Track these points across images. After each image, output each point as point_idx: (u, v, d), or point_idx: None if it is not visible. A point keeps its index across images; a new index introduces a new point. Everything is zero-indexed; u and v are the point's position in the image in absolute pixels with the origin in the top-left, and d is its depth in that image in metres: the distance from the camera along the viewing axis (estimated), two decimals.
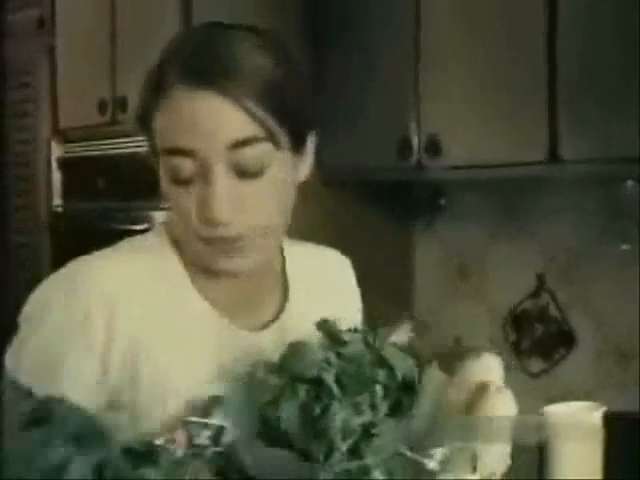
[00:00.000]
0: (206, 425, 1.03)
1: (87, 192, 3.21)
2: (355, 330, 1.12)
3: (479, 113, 2.66)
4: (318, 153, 3.28)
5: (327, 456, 1.02)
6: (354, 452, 1.02)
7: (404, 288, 3.27)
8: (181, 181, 1.13)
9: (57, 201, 3.41)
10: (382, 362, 1.08)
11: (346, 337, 1.10)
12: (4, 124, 3.74)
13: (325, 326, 1.11)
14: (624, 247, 2.75)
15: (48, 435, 0.90)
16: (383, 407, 1.06)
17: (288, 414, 1.04)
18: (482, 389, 1.10)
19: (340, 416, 1.02)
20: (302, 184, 1.32)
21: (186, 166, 1.12)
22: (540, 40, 2.52)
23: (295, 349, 1.08)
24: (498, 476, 1.08)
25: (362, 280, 3.32)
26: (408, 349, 1.10)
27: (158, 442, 0.97)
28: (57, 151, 3.41)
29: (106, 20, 3.15)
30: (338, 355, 1.06)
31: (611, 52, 2.41)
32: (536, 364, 3.00)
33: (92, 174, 3.19)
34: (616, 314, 2.82)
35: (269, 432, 1.05)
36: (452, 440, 1.03)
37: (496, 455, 1.06)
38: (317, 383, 1.05)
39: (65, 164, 3.38)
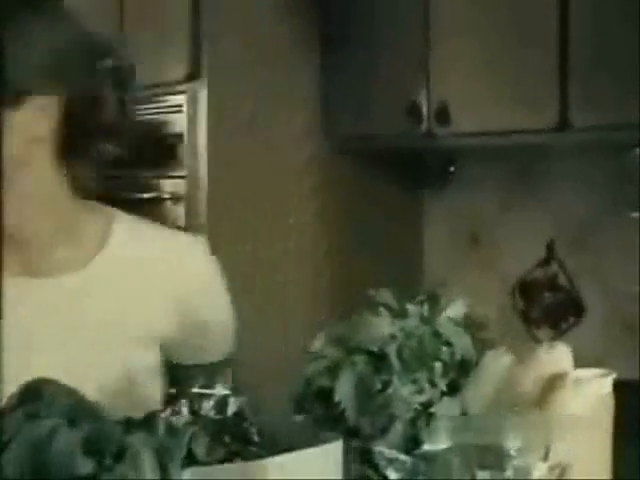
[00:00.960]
0: (210, 395, 1.02)
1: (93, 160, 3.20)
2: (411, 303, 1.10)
3: (489, 80, 2.64)
4: (328, 122, 3.28)
5: (383, 431, 1.00)
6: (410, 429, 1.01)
7: (413, 256, 3.27)
8: None
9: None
10: (439, 338, 1.06)
11: (405, 310, 1.08)
12: None
13: (382, 296, 1.09)
14: (634, 215, 2.74)
15: (36, 410, 0.90)
16: (442, 385, 1.05)
17: (344, 386, 1.03)
18: (557, 380, 1.08)
19: (403, 391, 1.01)
20: (312, 151, 1.32)
21: None
22: (552, 6, 2.50)
23: (359, 321, 1.06)
24: (563, 468, 1.06)
25: (372, 248, 3.33)
26: (466, 325, 1.09)
27: (161, 415, 0.96)
28: None
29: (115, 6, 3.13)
30: (401, 329, 1.05)
31: (622, 19, 2.39)
32: (545, 333, 3.00)
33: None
34: (625, 283, 2.81)
35: (314, 404, 1.04)
36: (520, 427, 1.01)
37: (565, 446, 1.05)
38: (378, 357, 1.04)
39: None
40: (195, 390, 1.03)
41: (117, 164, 1.36)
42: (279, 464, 0.90)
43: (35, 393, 0.92)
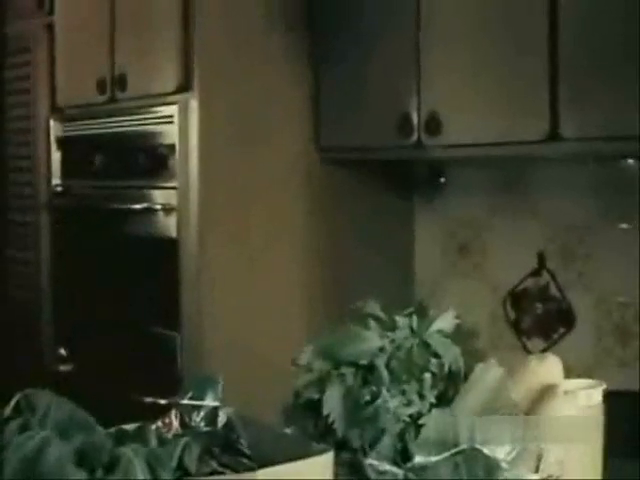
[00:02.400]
0: (200, 407, 1.03)
1: (86, 171, 3.21)
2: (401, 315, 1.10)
3: (479, 91, 2.65)
4: (318, 132, 3.29)
5: (372, 444, 1.01)
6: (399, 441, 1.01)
7: (404, 266, 3.27)
8: None
9: (56, 180, 3.40)
10: (429, 349, 1.07)
11: (394, 322, 1.08)
12: (3, 102, 3.73)
13: (371, 309, 1.09)
14: (624, 226, 2.75)
15: (27, 423, 0.90)
16: (430, 397, 1.05)
17: (332, 398, 1.03)
18: (548, 391, 1.09)
19: (392, 403, 1.01)
20: (303, 163, 1.32)
21: None
22: (542, 18, 2.50)
23: (349, 334, 1.06)
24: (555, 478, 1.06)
25: (363, 258, 3.33)
26: (454, 337, 1.09)
27: (152, 426, 0.97)
28: (56, 130, 3.40)
29: None
30: (391, 342, 1.05)
31: (613, 30, 2.40)
32: (536, 343, 3.00)
33: (91, 153, 3.19)
34: (615, 293, 2.82)
35: (304, 416, 1.04)
36: (511, 438, 1.01)
37: (556, 456, 1.05)
38: (366, 368, 1.04)
39: (64, 143, 3.37)
40: (185, 402, 1.03)
41: (108, 175, 1.37)
42: (269, 476, 0.90)
43: (28, 406, 0.92)
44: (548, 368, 1.12)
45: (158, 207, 2.89)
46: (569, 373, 1.19)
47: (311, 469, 0.91)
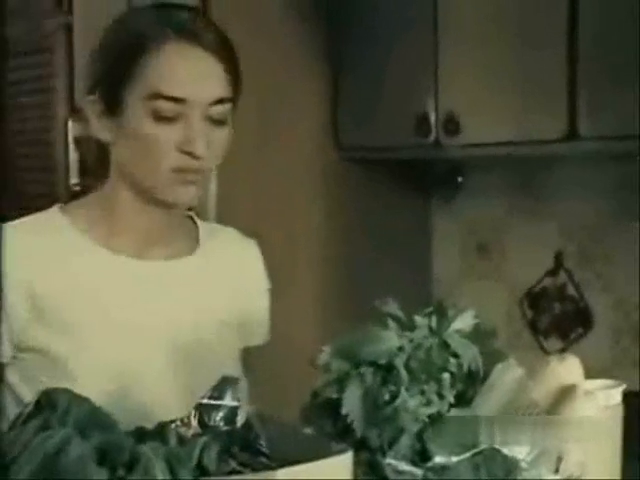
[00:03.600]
0: (219, 406, 1.03)
1: (104, 171, 3.21)
2: (420, 315, 1.10)
3: (497, 90, 2.64)
4: (337, 131, 3.28)
5: (391, 443, 1.01)
6: (418, 441, 1.01)
7: (422, 266, 3.27)
8: (165, 119, 1.37)
9: (74, 179, 3.41)
10: (448, 349, 1.06)
11: (413, 321, 1.08)
12: (23, 102, 3.74)
13: (390, 308, 1.09)
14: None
15: (48, 421, 0.91)
16: (449, 397, 1.05)
17: (351, 398, 1.03)
18: (568, 391, 1.08)
19: (411, 403, 1.01)
20: (321, 161, 1.39)
21: (171, 108, 1.37)
22: (561, 17, 2.50)
23: (366, 334, 1.07)
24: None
25: (381, 258, 3.33)
26: (473, 336, 1.09)
27: (172, 425, 0.97)
28: (75, 130, 3.41)
29: None
30: (410, 341, 1.05)
31: (632, 29, 2.39)
32: (553, 343, 3.00)
33: (109, 153, 3.19)
34: (633, 292, 2.81)
35: (322, 415, 1.04)
36: (531, 438, 1.01)
37: (576, 457, 1.05)
38: (385, 368, 1.04)
39: (83, 143, 3.38)
40: (205, 401, 1.03)
41: None
42: (289, 476, 0.90)
43: (49, 403, 0.93)
44: (568, 369, 1.12)
45: None
46: (587, 373, 1.18)
47: (331, 469, 0.91)
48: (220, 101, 1.41)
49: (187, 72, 1.38)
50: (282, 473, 0.89)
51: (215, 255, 1.57)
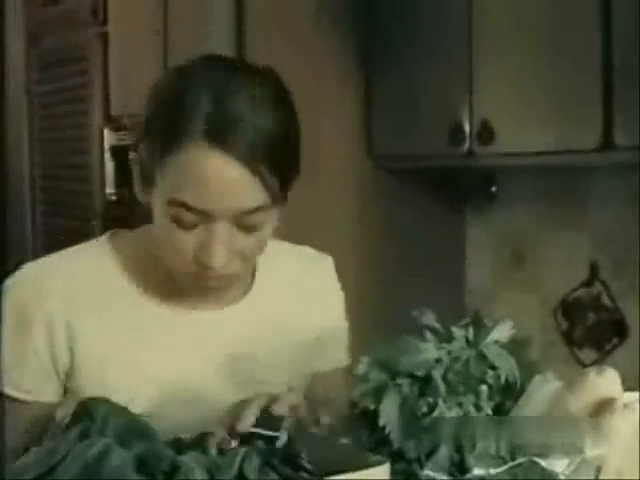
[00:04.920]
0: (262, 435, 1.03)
1: None
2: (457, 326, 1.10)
3: (532, 99, 2.63)
4: (370, 140, 3.27)
5: (429, 455, 1.00)
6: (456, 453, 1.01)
7: (456, 276, 3.26)
8: (183, 226, 1.19)
9: (110, 189, 3.43)
10: (485, 361, 1.06)
11: (450, 333, 1.08)
12: (59, 110, 3.77)
13: (427, 319, 1.09)
14: None
15: (87, 431, 0.91)
16: (487, 409, 1.04)
17: (389, 409, 1.03)
18: (607, 405, 1.08)
19: (449, 415, 1.01)
20: (354, 170, 1.36)
21: (191, 216, 1.18)
22: (595, 25, 2.49)
23: (404, 345, 1.06)
24: None
25: (414, 268, 3.31)
26: (509, 347, 1.08)
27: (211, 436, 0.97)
28: (110, 139, 3.44)
29: (158, 7, 3.16)
30: (448, 353, 1.05)
31: None
32: (588, 354, 2.98)
33: None
34: None
35: (359, 426, 1.04)
36: (570, 450, 1.00)
37: (615, 468, 1.04)
38: (423, 380, 1.04)
39: (118, 152, 3.40)
40: (259, 430, 1.03)
41: None
42: None
43: (88, 413, 0.93)
44: (607, 381, 1.11)
45: None
46: (622, 385, 1.18)
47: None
48: (253, 211, 1.19)
49: (211, 184, 1.15)
50: None
51: (275, 284, 1.41)
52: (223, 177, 1.15)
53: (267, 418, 1.06)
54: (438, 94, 2.84)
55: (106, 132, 3.44)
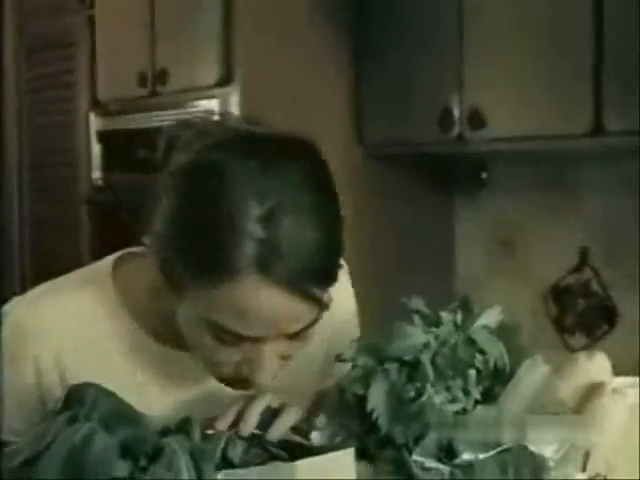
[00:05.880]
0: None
1: (127, 165, 3.22)
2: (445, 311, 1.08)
3: (522, 84, 2.63)
4: (360, 127, 3.26)
5: (417, 440, 1.00)
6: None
7: (446, 262, 3.25)
8: (224, 342, 1.07)
9: (97, 174, 3.42)
10: (474, 345, 1.05)
11: (439, 317, 1.06)
12: (46, 95, 3.75)
13: (415, 304, 1.08)
14: None
15: (75, 415, 0.91)
16: (475, 393, 1.03)
17: (376, 395, 1.02)
18: (596, 389, 1.07)
19: (437, 400, 1.00)
20: (345, 157, 1.28)
21: (234, 338, 1.07)
22: (586, 9, 2.48)
23: (392, 330, 1.05)
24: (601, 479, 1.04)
25: (404, 254, 3.31)
26: (498, 333, 1.07)
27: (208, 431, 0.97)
28: (97, 124, 3.42)
29: None
30: (436, 337, 1.04)
31: None
32: (578, 340, 2.98)
33: (132, 147, 3.19)
34: None
35: (348, 412, 1.03)
36: (559, 436, 1.00)
37: (603, 455, 1.03)
38: (411, 365, 1.03)
39: (105, 137, 3.39)
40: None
41: (149, 169, 1.30)
42: (307, 466, 0.92)
43: (77, 398, 0.93)
44: (596, 366, 1.10)
45: None
46: (612, 370, 1.17)
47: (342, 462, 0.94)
48: (305, 328, 1.09)
49: (260, 314, 1.04)
50: (300, 463, 0.91)
51: None
52: (277, 308, 1.03)
53: (268, 421, 1.05)
54: (428, 80, 2.83)
55: (92, 117, 3.43)
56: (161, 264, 1.09)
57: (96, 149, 3.42)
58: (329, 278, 1.08)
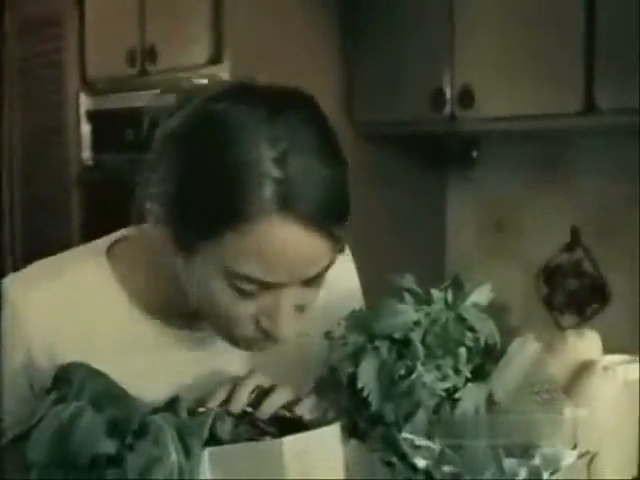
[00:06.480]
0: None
1: (117, 144, 3.20)
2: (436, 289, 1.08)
3: (513, 63, 2.62)
4: (352, 108, 3.25)
5: (407, 418, 0.99)
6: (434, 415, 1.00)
7: (437, 242, 3.25)
8: (243, 294, 1.07)
9: (86, 154, 3.40)
10: (464, 323, 1.05)
11: (430, 295, 1.06)
12: (36, 76, 3.73)
13: (406, 282, 1.07)
14: None
15: (65, 396, 0.92)
16: (466, 371, 1.03)
17: (367, 372, 1.02)
18: (587, 367, 1.07)
19: (427, 378, 1.00)
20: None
21: (255, 287, 1.06)
22: None
23: (384, 308, 1.05)
24: (592, 456, 1.04)
25: (396, 235, 3.31)
26: (488, 311, 1.07)
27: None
28: (86, 103, 3.40)
29: None
30: (427, 315, 1.04)
31: None
32: (569, 319, 2.98)
33: (121, 126, 3.18)
34: None
35: (338, 389, 1.03)
36: (549, 413, 1.00)
37: (594, 431, 1.03)
38: (401, 342, 1.02)
39: (94, 116, 3.37)
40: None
41: (139, 148, 1.28)
42: (294, 441, 0.93)
43: (66, 378, 0.93)
44: (587, 343, 1.10)
45: None
46: (604, 349, 1.17)
47: (326, 437, 0.95)
48: (323, 271, 1.09)
49: (283, 256, 1.04)
50: (286, 440, 0.92)
51: None
52: (298, 248, 1.04)
53: (259, 400, 1.05)
54: (419, 59, 2.82)
55: (82, 97, 3.41)
56: (170, 226, 1.08)
57: (86, 129, 3.41)
58: (343, 216, 1.10)
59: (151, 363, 1.20)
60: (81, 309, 1.19)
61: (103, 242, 1.25)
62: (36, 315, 1.17)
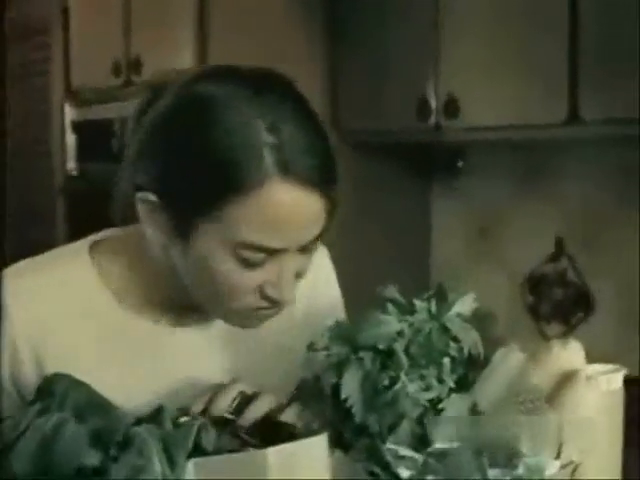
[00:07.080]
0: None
1: (101, 154, 3.20)
2: (419, 299, 1.08)
3: (498, 74, 2.63)
4: (337, 115, 3.27)
5: (391, 429, 0.99)
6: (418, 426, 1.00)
7: (422, 250, 3.25)
8: (248, 265, 1.09)
9: (71, 164, 3.40)
10: (448, 333, 1.05)
11: (413, 305, 1.06)
12: (22, 86, 3.72)
13: (389, 292, 1.08)
14: None
15: (48, 407, 0.92)
16: (450, 382, 1.03)
17: (350, 383, 1.02)
18: (570, 376, 1.07)
19: (411, 388, 1.00)
20: None
21: (261, 256, 1.09)
22: (563, 1, 2.48)
23: (367, 318, 1.05)
24: (575, 466, 1.04)
25: (381, 243, 3.31)
26: (473, 321, 1.07)
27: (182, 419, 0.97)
28: (71, 114, 3.40)
29: None
30: (410, 326, 1.04)
31: (632, 14, 2.37)
32: (554, 328, 2.99)
33: (106, 137, 3.18)
34: (634, 277, 2.80)
35: (322, 400, 1.03)
36: (531, 424, 1.00)
37: (577, 442, 1.03)
38: (385, 353, 1.02)
39: (79, 126, 3.37)
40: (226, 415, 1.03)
41: (124, 159, 1.29)
42: (280, 452, 0.92)
43: (49, 390, 0.93)
44: (570, 353, 1.10)
45: None
46: (587, 358, 1.17)
47: (312, 448, 0.94)
48: (321, 234, 1.14)
49: (288, 220, 1.07)
50: (271, 450, 0.91)
51: None
52: (299, 209, 1.07)
53: (240, 406, 1.06)
54: (404, 69, 2.83)
55: (67, 107, 3.41)
56: (167, 210, 1.10)
57: (71, 139, 3.40)
58: (334, 179, 1.13)
59: (136, 357, 1.20)
60: (64, 303, 1.20)
61: (85, 241, 1.26)
62: (21, 315, 1.17)
